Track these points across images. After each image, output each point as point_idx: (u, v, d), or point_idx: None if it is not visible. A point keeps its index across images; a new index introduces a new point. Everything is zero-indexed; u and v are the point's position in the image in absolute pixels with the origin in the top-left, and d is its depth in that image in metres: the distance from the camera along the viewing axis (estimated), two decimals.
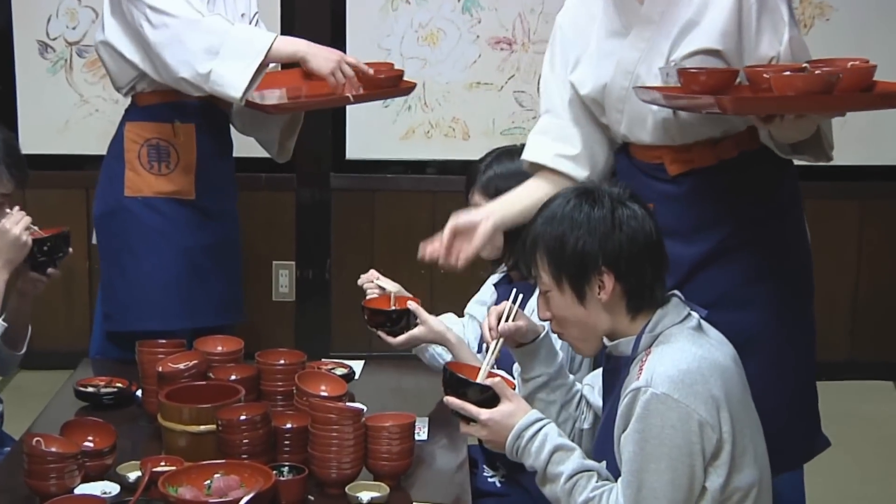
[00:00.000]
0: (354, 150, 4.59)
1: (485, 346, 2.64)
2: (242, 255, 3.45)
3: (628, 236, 2.01)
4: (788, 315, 2.42)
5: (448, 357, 2.63)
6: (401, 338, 2.65)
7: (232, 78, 2.96)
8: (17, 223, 2.63)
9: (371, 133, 4.57)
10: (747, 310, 2.36)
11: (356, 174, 4.60)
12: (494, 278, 2.78)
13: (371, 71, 3.12)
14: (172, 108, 3.16)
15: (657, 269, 2.05)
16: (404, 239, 4.57)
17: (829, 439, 2.53)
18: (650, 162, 2.43)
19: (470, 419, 2.10)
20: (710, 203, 2.38)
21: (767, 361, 2.31)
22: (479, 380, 2.13)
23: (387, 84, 3.24)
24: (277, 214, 4.60)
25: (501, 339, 2.23)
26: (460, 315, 2.86)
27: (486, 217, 2.42)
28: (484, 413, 2.07)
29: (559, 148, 2.47)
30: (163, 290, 3.18)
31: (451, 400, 2.11)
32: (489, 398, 2.09)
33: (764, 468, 2.05)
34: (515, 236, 2.54)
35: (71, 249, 2.80)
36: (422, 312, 2.64)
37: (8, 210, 2.68)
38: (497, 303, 2.68)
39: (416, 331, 2.64)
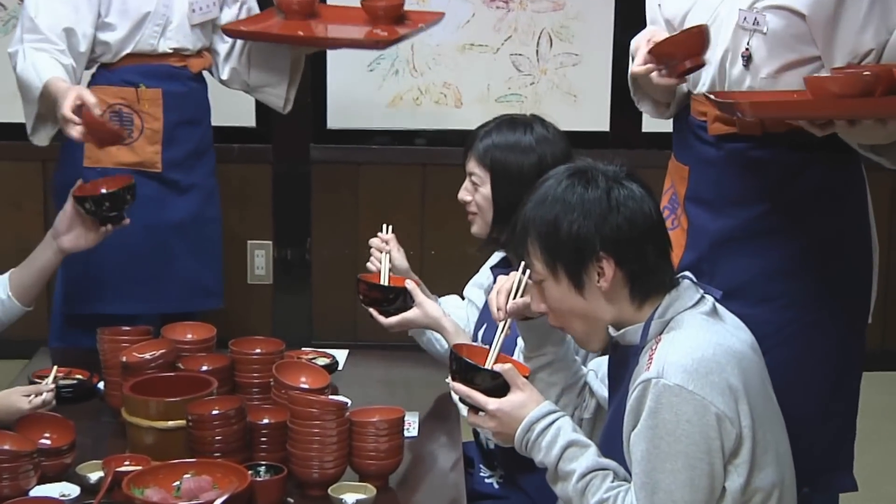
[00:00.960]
0: (336, 118, 4.57)
1: (481, 331, 2.65)
2: None
3: (626, 218, 2.00)
4: (824, 326, 2.36)
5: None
6: (393, 319, 2.66)
7: (27, 121, 3.11)
8: (34, 408, 2.41)
9: (354, 100, 4.54)
10: (766, 307, 2.32)
11: (338, 145, 4.58)
12: (493, 260, 2.77)
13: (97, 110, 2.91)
14: (138, 71, 3.14)
15: (660, 252, 2.04)
16: (392, 216, 4.54)
17: (856, 483, 2.49)
18: (697, 118, 2.42)
19: (477, 409, 2.09)
20: (748, 176, 2.36)
21: (776, 367, 2.19)
22: (487, 365, 2.12)
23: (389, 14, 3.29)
24: (252, 189, 4.59)
25: (510, 320, 2.22)
26: (462, 297, 2.87)
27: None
28: (492, 403, 2.07)
29: None
30: (122, 272, 3.17)
31: (458, 386, 2.10)
32: (499, 386, 2.08)
33: (787, 467, 2.03)
34: (504, 212, 2.55)
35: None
36: (418, 294, 2.65)
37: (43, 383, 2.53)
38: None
39: (410, 313, 2.64)
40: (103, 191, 2.80)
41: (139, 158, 3.18)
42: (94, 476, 2.16)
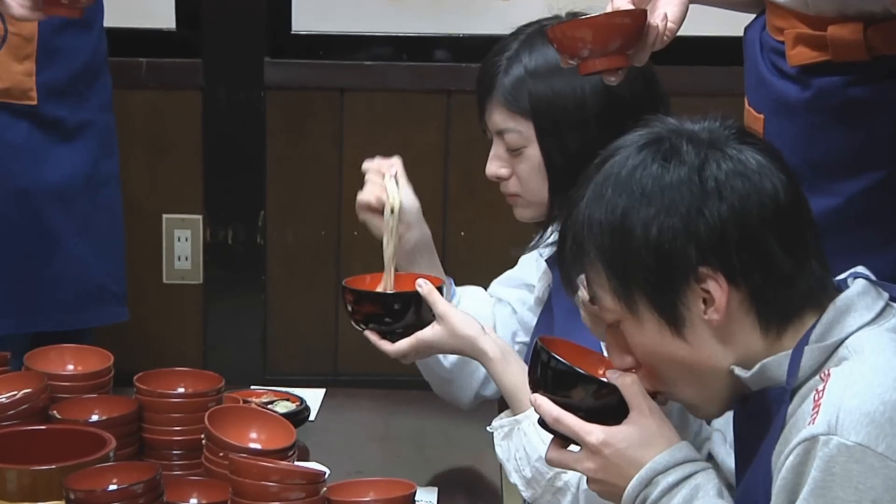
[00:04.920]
0: (306, 17, 4.57)
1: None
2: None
3: (733, 206, 2.00)
4: None
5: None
6: (402, 344, 2.66)
7: None
8: None
9: None
10: None
11: (310, 61, 4.58)
12: (545, 252, 2.78)
13: None
14: None
15: (797, 248, 2.04)
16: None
17: None
18: (775, 39, 2.44)
19: (567, 440, 2.10)
20: (850, 127, 2.37)
21: None
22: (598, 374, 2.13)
23: None
24: (171, 131, 4.60)
25: None
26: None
27: None
28: (596, 432, 2.07)
29: None
30: None
31: (545, 404, 2.09)
32: (608, 408, 2.08)
33: None
34: (564, 174, 2.58)
35: None
36: (439, 302, 2.65)
37: None
38: (556, 289, 2.68)
39: (427, 332, 2.64)
40: None
41: (3, 84, 3.20)
42: None
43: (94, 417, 2.50)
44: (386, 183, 2.80)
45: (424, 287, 2.66)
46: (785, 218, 2.03)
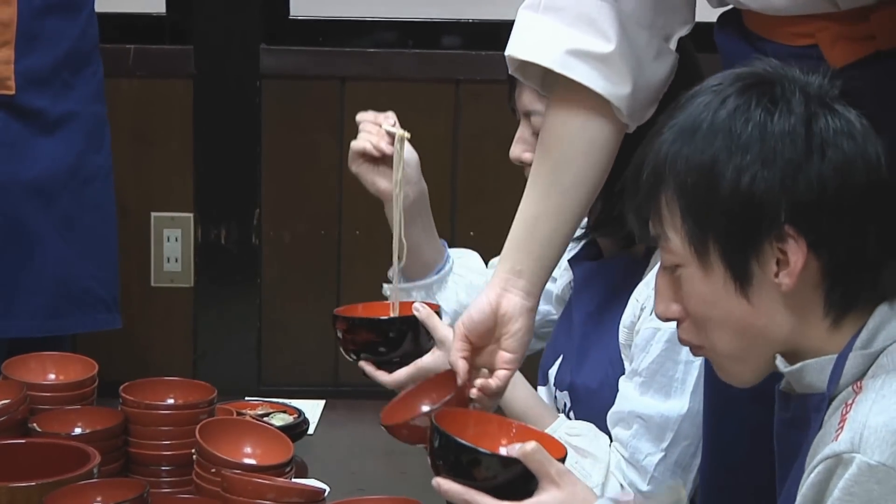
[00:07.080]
0: (304, 2, 4.57)
1: (553, 368, 2.66)
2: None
3: (837, 169, 1.98)
4: None
5: None
6: (401, 373, 2.64)
7: None
8: None
9: None
10: None
11: (308, 48, 4.59)
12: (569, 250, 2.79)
13: None
14: None
15: (888, 233, 2.03)
16: None
17: None
18: (792, 45, 2.43)
19: None
20: None
21: None
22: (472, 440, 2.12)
23: None
24: (160, 122, 4.61)
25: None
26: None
27: (506, 299, 2.42)
28: None
29: (578, 40, 2.43)
30: None
31: (451, 489, 2.09)
32: (517, 479, 2.08)
33: None
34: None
35: None
36: (439, 327, 2.65)
37: None
38: (577, 292, 2.69)
39: (428, 359, 2.63)
40: None
41: None
42: None
43: (77, 430, 2.51)
44: (385, 127, 2.81)
45: (422, 311, 2.65)
46: (885, 194, 2.02)
